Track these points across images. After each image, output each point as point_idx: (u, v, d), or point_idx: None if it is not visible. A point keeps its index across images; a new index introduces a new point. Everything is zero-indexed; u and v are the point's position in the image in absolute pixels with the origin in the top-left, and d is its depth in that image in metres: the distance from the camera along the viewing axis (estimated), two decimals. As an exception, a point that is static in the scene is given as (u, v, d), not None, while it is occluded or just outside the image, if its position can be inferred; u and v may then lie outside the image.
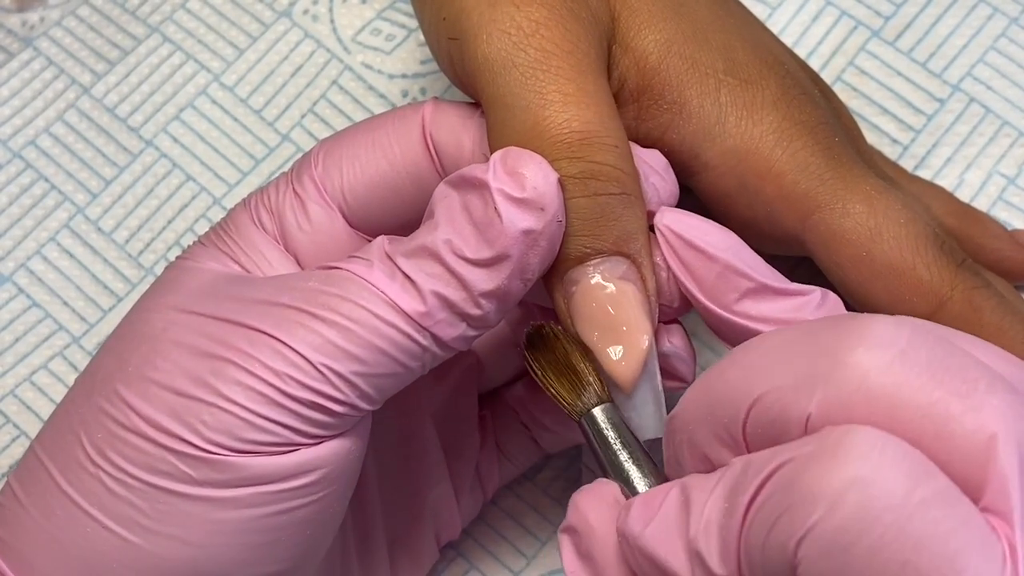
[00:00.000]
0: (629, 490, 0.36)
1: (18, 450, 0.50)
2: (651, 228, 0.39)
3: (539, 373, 0.39)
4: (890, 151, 0.51)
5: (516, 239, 0.36)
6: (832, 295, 0.38)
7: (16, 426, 0.50)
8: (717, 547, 0.31)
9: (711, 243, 0.38)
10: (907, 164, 0.51)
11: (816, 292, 0.38)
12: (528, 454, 0.48)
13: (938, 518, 0.28)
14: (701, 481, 0.33)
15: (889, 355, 0.31)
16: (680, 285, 0.38)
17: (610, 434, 0.37)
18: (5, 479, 0.49)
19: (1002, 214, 0.51)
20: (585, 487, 0.37)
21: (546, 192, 0.36)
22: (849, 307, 0.38)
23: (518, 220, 0.36)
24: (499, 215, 0.36)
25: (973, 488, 0.30)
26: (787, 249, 0.43)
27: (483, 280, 0.36)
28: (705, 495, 0.32)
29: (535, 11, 0.39)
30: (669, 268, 0.38)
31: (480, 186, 0.36)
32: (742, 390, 0.33)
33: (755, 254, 0.38)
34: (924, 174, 0.51)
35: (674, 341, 0.40)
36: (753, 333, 0.37)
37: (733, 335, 0.38)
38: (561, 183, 0.37)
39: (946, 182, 0.51)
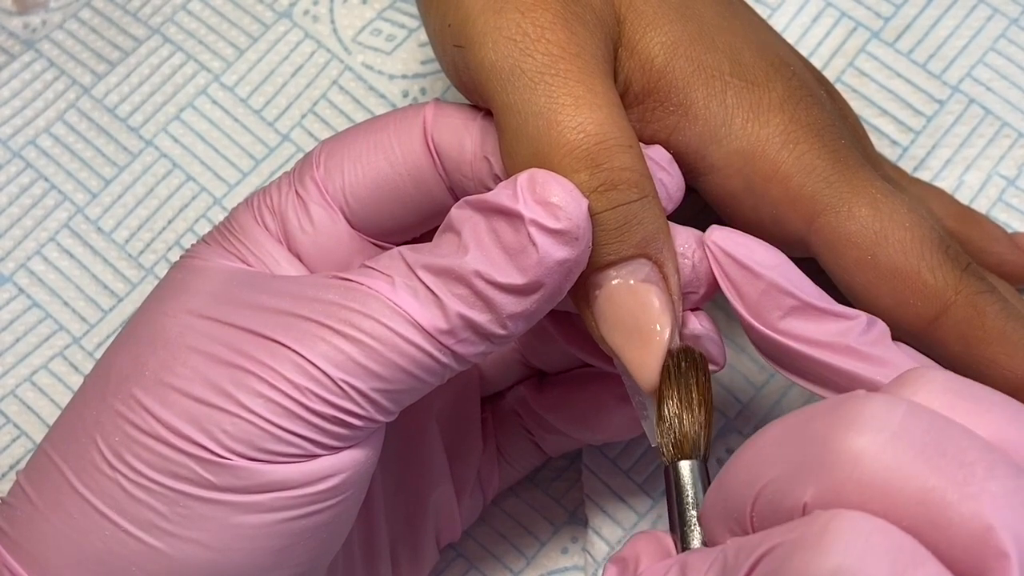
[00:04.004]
0: (683, 546, 0.37)
1: (19, 450, 0.50)
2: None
3: (663, 396, 0.38)
4: (889, 152, 0.51)
5: (552, 269, 0.36)
6: (880, 322, 0.38)
7: (16, 426, 0.50)
8: None
9: (757, 261, 0.38)
10: (906, 166, 0.51)
11: (862, 317, 0.38)
12: (529, 458, 0.49)
13: None
14: (699, 559, 0.33)
15: (881, 439, 0.30)
16: (728, 303, 0.38)
17: (688, 491, 0.37)
18: (6, 478, 0.49)
19: (1001, 216, 0.51)
20: (645, 532, 0.37)
21: (580, 223, 0.36)
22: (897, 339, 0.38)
23: (555, 251, 0.36)
24: (535, 246, 0.36)
25: None
26: (792, 251, 0.43)
27: (512, 304, 0.36)
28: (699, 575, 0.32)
29: (539, 16, 0.38)
30: (692, 256, 0.39)
31: (508, 213, 0.36)
32: (747, 483, 0.32)
33: (803, 274, 0.38)
34: (923, 176, 0.51)
35: (704, 323, 0.40)
36: (795, 353, 0.38)
37: (776, 354, 0.38)
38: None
39: (945, 184, 0.51)
